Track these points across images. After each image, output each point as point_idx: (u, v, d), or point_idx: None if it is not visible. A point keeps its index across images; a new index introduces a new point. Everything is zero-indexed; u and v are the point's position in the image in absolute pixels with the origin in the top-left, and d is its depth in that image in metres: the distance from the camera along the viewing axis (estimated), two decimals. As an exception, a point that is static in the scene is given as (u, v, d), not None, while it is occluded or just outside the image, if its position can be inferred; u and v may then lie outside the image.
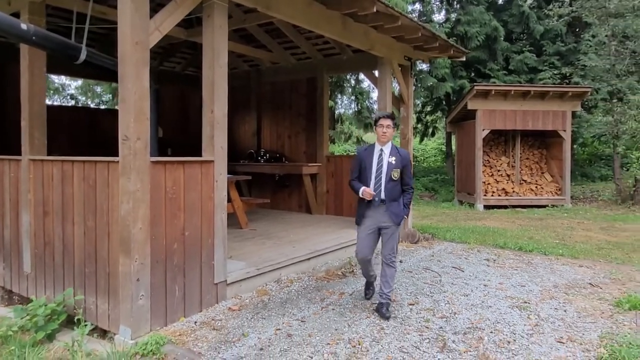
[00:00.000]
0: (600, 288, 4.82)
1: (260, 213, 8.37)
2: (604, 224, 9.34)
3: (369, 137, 22.14)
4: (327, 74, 8.36)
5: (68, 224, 4.02)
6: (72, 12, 4.53)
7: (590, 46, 15.46)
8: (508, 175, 13.36)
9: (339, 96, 19.90)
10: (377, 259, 4.54)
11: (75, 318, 3.48)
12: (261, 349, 3.35)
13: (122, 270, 3.48)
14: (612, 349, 3.32)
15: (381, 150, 3.95)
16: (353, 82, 19.16)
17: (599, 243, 7.29)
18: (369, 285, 4.40)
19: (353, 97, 19.10)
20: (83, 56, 4.06)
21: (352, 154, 20.40)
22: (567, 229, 8.67)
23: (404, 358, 3.20)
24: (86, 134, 8.65)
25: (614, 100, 13.88)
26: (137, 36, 3.37)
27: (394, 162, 3.89)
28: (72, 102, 23.17)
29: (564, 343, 3.47)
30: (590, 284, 4.97)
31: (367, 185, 3.90)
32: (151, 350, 3.26)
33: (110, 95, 22.04)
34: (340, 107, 21.29)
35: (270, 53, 8.32)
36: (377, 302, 4.03)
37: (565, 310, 4.14)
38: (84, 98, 23.87)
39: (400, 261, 5.82)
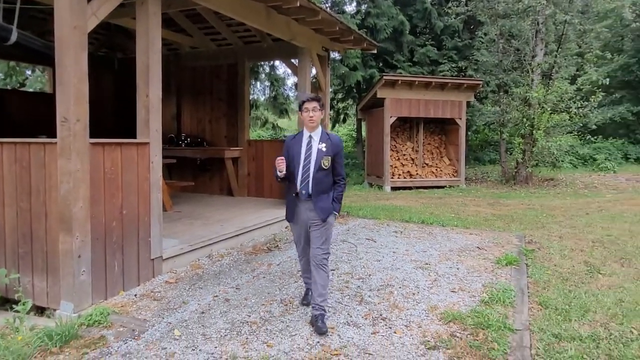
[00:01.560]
0: (485, 250, 5.78)
1: (182, 196, 8.49)
2: (490, 201, 10.74)
3: (284, 122, 22.55)
4: (248, 61, 8.62)
5: (-3, 205, 4.00)
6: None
7: (482, 43, 17.19)
8: (412, 159, 14.59)
9: (253, 82, 20.04)
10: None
11: (16, 295, 3.56)
12: (202, 313, 3.71)
13: (62, 248, 3.62)
14: (492, 293, 4.15)
15: (310, 136, 3.52)
16: (267, 68, 19.41)
17: (486, 216, 8.48)
18: (307, 293, 3.91)
19: (268, 84, 19.34)
20: (14, 37, 4.02)
21: (267, 139, 20.77)
22: (461, 205, 9.88)
23: (329, 311, 3.75)
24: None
25: (501, 93, 15.66)
26: (75, 20, 3.49)
27: (324, 149, 3.47)
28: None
29: (456, 292, 4.26)
30: (477, 247, 5.93)
31: (295, 177, 3.52)
32: (97, 320, 3.47)
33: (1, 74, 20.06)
34: (254, 93, 21.43)
35: (190, 38, 8.39)
36: (311, 315, 3.55)
37: (457, 268, 4.98)
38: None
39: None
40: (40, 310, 3.88)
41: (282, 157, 3.47)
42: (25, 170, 3.80)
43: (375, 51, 8.20)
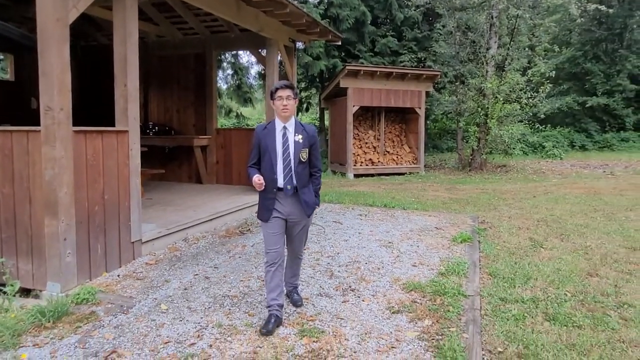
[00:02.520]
0: (443, 230, 6.28)
1: (152, 184, 8.58)
2: (448, 186, 11.38)
3: (247, 111, 22.57)
4: (215, 51, 8.76)
5: (-23, 192, 4.09)
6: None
7: (441, 35, 17.84)
8: (374, 147, 15.10)
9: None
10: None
11: (4, 277, 3.70)
12: (185, 289, 3.98)
13: (48, 232, 3.78)
14: (448, 266, 4.63)
15: (284, 127, 3.29)
16: (229, 56, 19.38)
17: (443, 200, 9.06)
18: (270, 320, 3.24)
19: (231, 72, 19.33)
20: None
21: (235, 127, 20.76)
22: (421, 190, 10.44)
23: (303, 284, 4.10)
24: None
25: (458, 83, 16.37)
26: (57, 13, 3.62)
27: (300, 140, 3.27)
28: None
29: (416, 266, 4.70)
30: (435, 227, 6.42)
31: (273, 172, 3.27)
32: (85, 298, 3.68)
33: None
34: (217, 81, 21.35)
35: (157, 26, 8.43)
36: (286, 293, 3.64)
37: (418, 246, 5.44)
38: None
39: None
40: (25, 292, 4.03)
41: (260, 177, 3.22)
42: (7, 158, 3.91)
43: (339, 43, 8.53)
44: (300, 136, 3.30)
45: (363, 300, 3.81)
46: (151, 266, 4.52)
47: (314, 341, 3.11)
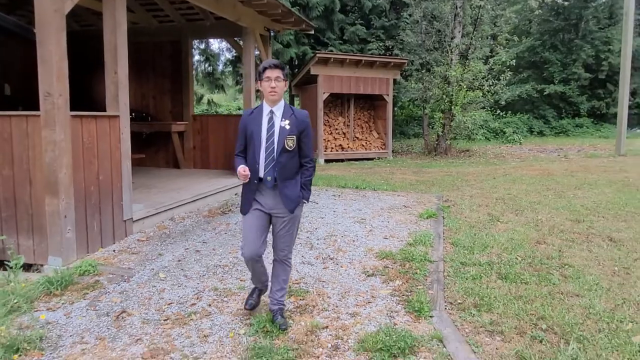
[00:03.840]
0: (410, 208, 6.83)
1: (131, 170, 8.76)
2: (415, 169, 12.00)
3: (219, 98, 22.61)
4: (191, 38, 8.96)
5: (-25, 174, 4.30)
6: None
7: (407, 23, 18.40)
8: (344, 133, 15.57)
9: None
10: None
11: (9, 252, 3.96)
12: (179, 261, 4.34)
13: (49, 210, 4.06)
14: (415, 237, 5.15)
15: (271, 112, 2.99)
16: (199, 43, 19.35)
17: (411, 181, 9.64)
18: (254, 292, 3.33)
19: (201, 59, 19.32)
20: None
21: (212, 114, 20.77)
22: (389, 174, 11.01)
23: (286, 255, 4.53)
24: None
25: (424, 71, 16.99)
26: (55, 4, 3.86)
27: (288, 126, 2.97)
28: None
29: (387, 238, 5.21)
30: (404, 206, 6.96)
31: (256, 161, 3.00)
32: (87, 270, 3.99)
33: None
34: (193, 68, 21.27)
35: (132, 14, 8.55)
36: (270, 309, 3.20)
37: (388, 222, 5.95)
38: None
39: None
40: (26, 267, 4.29)
41: (245, 167, 2.97)
42: (6, 141, 4.14)
43: (312, 32, 8.88)
44: (287, 121, 2.98)
45: (341, 267, 4.28)
46: (143, 242, 4.85)
47: (300, 299, 3.56)
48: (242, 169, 2.96)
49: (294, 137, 3.01)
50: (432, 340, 2.98)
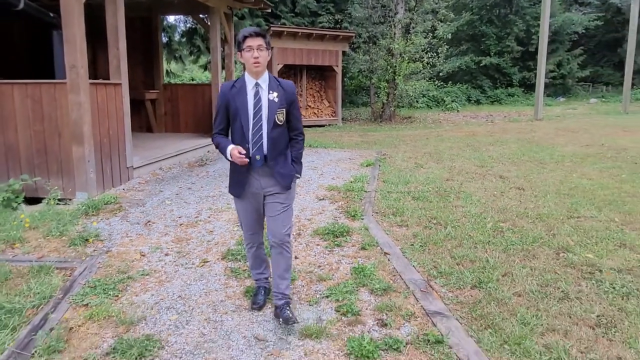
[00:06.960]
0: (354, 160, 8.43)
1: (108, 133, 9.83)
2: (361, 133, 13.64)
3: (176, 67, 23.16)
4: (160, 14, 9.95)
5: (10, 131, 5.41)
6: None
7: (356, -2, 19.68)
8: (299, 102, 16.92)
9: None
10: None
11: (47, 187, 5.19)
12: (177, 194, 5.72)
13: (76, 156, 5.29)
14: (356, 177, 6.75)
15: (257, 84, 2.74)
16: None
17: (356, 142, 11.26)
18: (259, 292, 3.14)
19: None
20: (21, 5, 5.29)
21: (180, 83, 21.34)
22: (339, 137, 12.58)
23: (258, 190, 6.00)
24: None
25: (370, 44, 18.47)
26: (76, -4, 5.01)
27: (276, 99, 2.75)
28: None
29: (335, 179, 6.78)
30: (349, 158, 8.56)
31: (246, 140, 2.74)
32: (109, 201, 5.29)
33: None
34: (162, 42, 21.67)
35: (105, -9, 9.43)
36: (274, 306, 2.94)
37: (335, 169, 7.52)
38: None
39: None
40: (57, 202, 5.52)
41: (239, 148, 2.69)
42: (37, 103, 5.29)
43: (269, 10, 10.10)
44: (275, 94, 2.76)
45: (300, 195, 5.80)
46: (143, 184, 6.16)
47: (272, 213, 5.06)
48: (238, 151, 2.67)
49: (284, 110, 2.78)
50: (362, 229, 4.58)
